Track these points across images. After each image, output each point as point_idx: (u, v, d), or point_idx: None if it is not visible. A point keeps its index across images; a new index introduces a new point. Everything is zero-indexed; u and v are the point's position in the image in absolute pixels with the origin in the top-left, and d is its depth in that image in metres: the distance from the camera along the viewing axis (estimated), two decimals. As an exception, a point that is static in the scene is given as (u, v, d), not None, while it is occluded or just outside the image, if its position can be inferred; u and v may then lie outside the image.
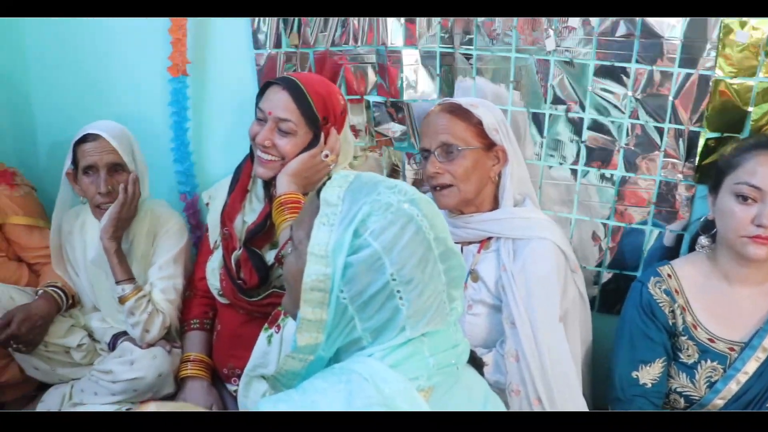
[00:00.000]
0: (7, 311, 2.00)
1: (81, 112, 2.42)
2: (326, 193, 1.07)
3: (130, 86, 2.38)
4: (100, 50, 2.37)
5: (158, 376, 1.95)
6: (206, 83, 2.28)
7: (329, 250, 1.02)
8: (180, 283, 2.11)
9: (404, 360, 1.04)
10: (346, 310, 1.03)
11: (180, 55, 2.17)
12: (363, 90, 2.12)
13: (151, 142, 2.24)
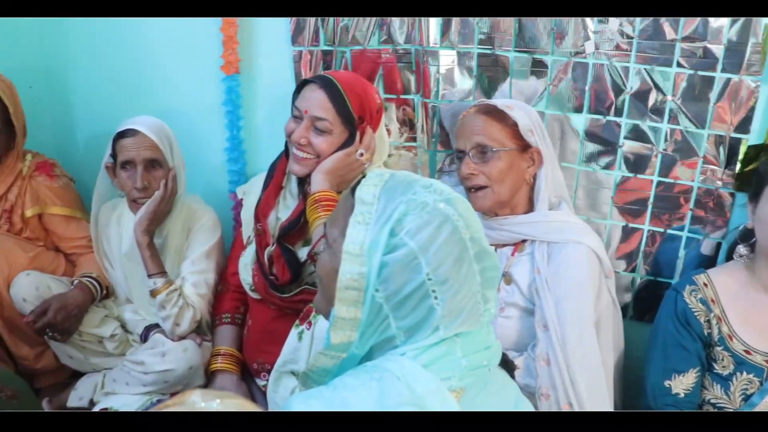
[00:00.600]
0: (44, 300, 2.04)
1: (119, 106, 2.46)
2: (361, 192, 1.07)
3: (168, 82, 2.41)
4: (140, 45, 2.40)
5: (189, 368, 1.98)
6: (251, 81, 2.29)
7: (365, 248, 1.02)
8: (212, 277, 2.13)
9: (437, 360, 1.04)
10: (381, 309, 1.03)
11: (233, 53, 2.18)
12: (400, 89, 2.11)
13: (188, 137, 2.26)
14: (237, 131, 2.30)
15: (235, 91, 2.25)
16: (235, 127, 2.29)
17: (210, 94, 2.30)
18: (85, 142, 2.66)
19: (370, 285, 1.02)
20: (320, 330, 1.55)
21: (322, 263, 1.13)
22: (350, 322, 1.04)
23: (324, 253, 1.13)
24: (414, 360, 1.03)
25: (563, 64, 1.93)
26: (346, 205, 1.10)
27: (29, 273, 2.09)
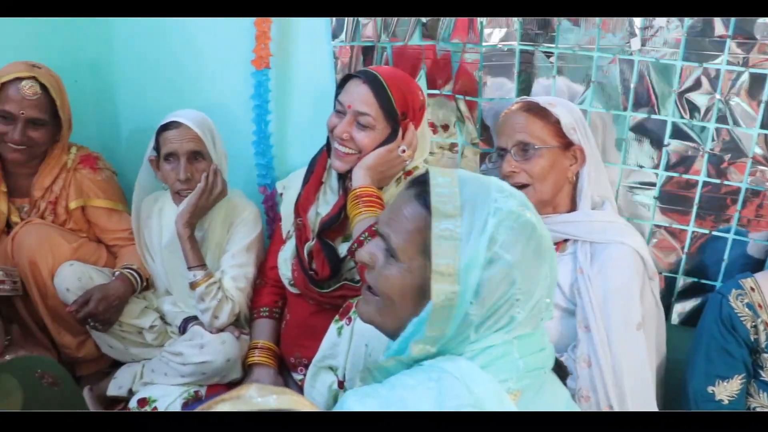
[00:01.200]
0: (86, 290, 2.07)
1: (161, 101, 2.49)
2: (439, 204, 1.03)
3: (211, 78, 2.43)
4: (183, 42, 2.43)
5: (226, 361, 1.99)
6: (286, 76, 2.30)
7: (459, 267, 1.00)
8: (251, 272, 2.14)
9: (494, 361, 1.03)
10: (470, 323, 1.02)
11: (264, 48, 2.19)
12: (442, 86, 2.10)
13: (229, 132, 2.27)
14: (264, 125, 2.30)
15: (264, 86, 2.26)
16: (262, 121, 2.30)
17: (247, 90, 2.30)
18: (128, 135, 2.71)
19: (464, 302, 1.00)
20: (360, 326, 1.54)
21: (390, 280, 1.09)
22: (435, 337, 1.03)
23: (392, 268, 1.09)
24: (472, 361, 1.02)
25: (608, 61, 1.90)
26: (417, 217, 1.07)
27: (72, 263, 2.12)
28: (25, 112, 2.06)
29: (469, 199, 1.03)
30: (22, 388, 1.07)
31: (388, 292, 1.10)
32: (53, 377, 1.13)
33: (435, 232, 1.01)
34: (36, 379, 1.11)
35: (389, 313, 1.10)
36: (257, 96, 2.26)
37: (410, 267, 1.05)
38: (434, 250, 1.00)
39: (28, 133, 2.09)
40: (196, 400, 1.99)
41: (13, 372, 1.11)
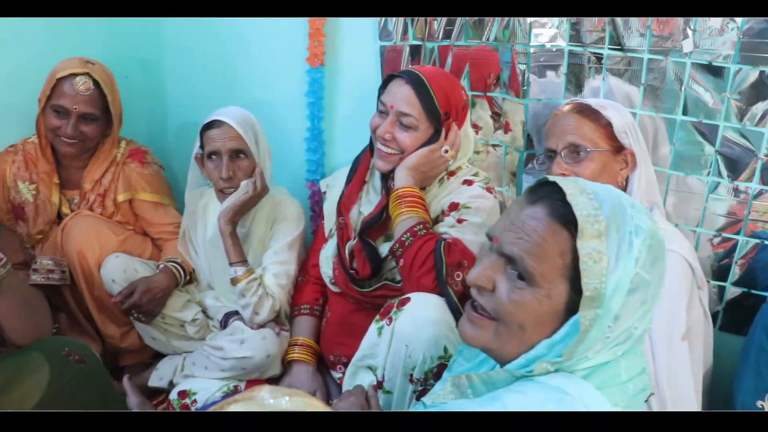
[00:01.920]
0: (131, 282, 2.11)
1: (209, 97, 2.52)
2: (586, 224, 0.96)
3: (258, 75, 2.46)
4: (231, 39, 2.46)
5: (266, 356, 2.00)
6: (335, 74, 2.31)
7: (604, 290, 0.95)
8: (293, 269, 2.15)
9: (606, 383, 0.99)
10: (605, 343, 0.99)
11: (318, 46, 2.20)
12: (488, 86, 2.08)
13: (275, 129, 2.29)
14: (318, 122, 2.32)
15: (319, 83, 2.27)
16: (316, 117, 2.31)
17: (297, 87, 2.32)
18: (176, 131, 2.75)
19: (603, 327, 0.97)
20: (401, 327, 1.54)
21: (523, 307, 1.01)
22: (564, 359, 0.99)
23: (525, 294, 1.01)
24: (587, 381, 0.99)
25: (658, 63, 1.86)
26: (557, 238, 0.99)
27: (118, 255, 2.16)
28: (78, 108, 2.11)
29: (611, 216, 0.97)
30: (48, 364, 1.11)
31: (519, 319, 1.02)
32: (80, 356, 1.16)
33: (582, 254, 0.96)
34: (63, 357, 1.14)
35: (514, 339, 1.03)
36: (311, 93, 2.28)
37: (550, 293, 0.99)
38: (583, 274, 0.95)
39: (80, 128, 2.14)
40: (235, 394, 2.01)
41: (42, 349, 1.15)
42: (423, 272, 1.65)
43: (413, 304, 1.57)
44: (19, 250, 2.32)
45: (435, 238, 1.69)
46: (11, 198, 2.25)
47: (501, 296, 1.04)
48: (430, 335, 1.52)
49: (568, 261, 0.98)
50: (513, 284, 1.03)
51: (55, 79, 2.11)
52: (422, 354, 1.51)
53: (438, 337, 1.53)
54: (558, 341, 1.00)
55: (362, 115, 2.04)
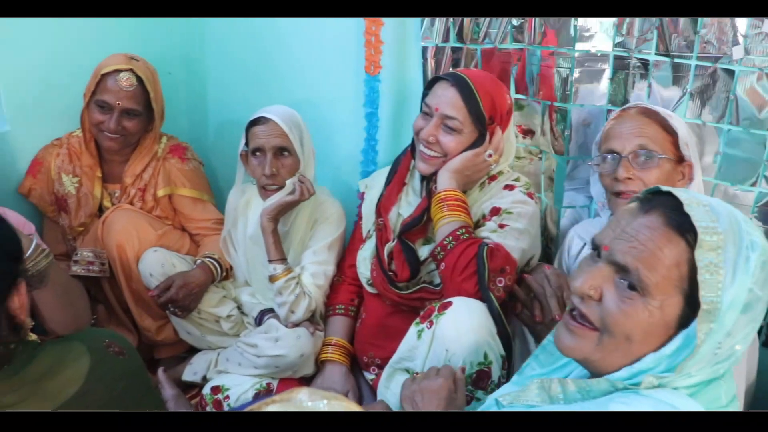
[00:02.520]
0: (168, 276, 2.13)
1: (250, 96, 2.54)
2: (705, 235, 0.95)
3: (299, 75, 2.45)
4: (272, 39, 2.46)
5: (300, 356, 2.00)
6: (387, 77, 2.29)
7: (720, 304, 0.93)
8: (331, 269, 2.15)
9: (709, 405, 0.98)
10: (710, 360, 0.97)
11: (375, 54, 2.19)
12: (531, 91, 2.06)
13: (317, 129, 2.29)
14: (375, 132, 2.29)
15: (377, 92, 2.24)
16: (373, 127, 2.29)
17: (341, 88, 2.32)
18: (216, 128, 2.77)
19: (714, 342, 0.95)
20: (441, 330, 1.53)
21: (633, 318, 0.99)
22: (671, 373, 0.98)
23: (636, 305, 0.99)
24: (693, 399, 0.97)
25: (706, 70, 1.82)
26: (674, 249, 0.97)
27: (156, 250, 2.18)
28: (121, 103, 2.14)
29: (728, 230, 0.95)
30: (89, 354, 1.13)
31: (628, 330, 1.00)
32: (120, 348, 1.19)
33: (700, 265, 0.94)
34: (103, 348, 1.16)
35: (618, 350, 1.01)
36: (369, 102, 2.25)
37: (662, 304, 0.97)
38: (701, 286, 0.94)
39: (122, 123, 2.16)
40: (268, 392, 2.01)
41: (83, 339, 1.17)
42: (465, 277, 1.64)
43: (455, 309, 1.56)
44: (61, 242, 2.36)
45: (478, 243, 1.68)
46: (55, 190, 2.29)
47: (609, 306, 1.02)
48: (471, 341, 1.51)
49: (683, 272, 0.96)
50: (623, 294, 1.00)
51: (99, 74, 2.14)
52: (462, 359, 1.50)
53: (479, 343, 1.52)
54: (667, 355, 0.97)
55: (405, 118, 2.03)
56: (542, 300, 1.65)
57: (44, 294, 1.81)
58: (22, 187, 2.31)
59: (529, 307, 1.68)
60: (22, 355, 1.08)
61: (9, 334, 1.07)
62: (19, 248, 1.11)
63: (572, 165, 2.04)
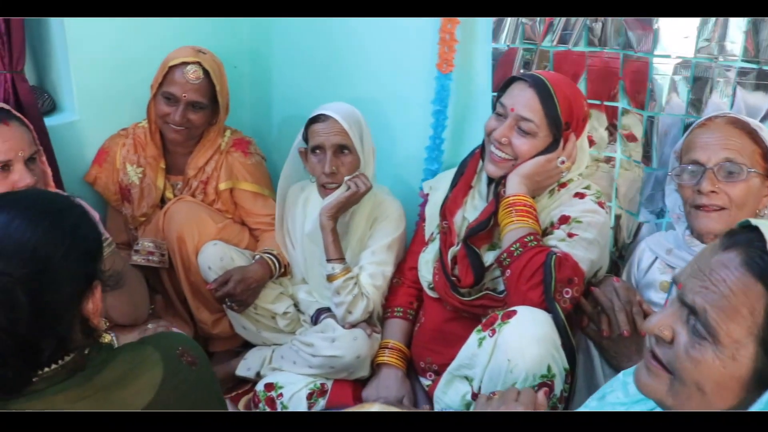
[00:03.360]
0: (226, 270, 2.12)
1: (315, 91, 2.52)
2: None
3: (366, 71, 2.43)
4: (339, 35, 2.44)
5: (356, 357, 1.97)
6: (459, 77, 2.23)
7: None
8: (390, 270, 2.11)
9: None
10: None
11: (449, 51, 2.13)
12: (605, 96, 1.98)
13: (379, 127, 2.26)
14: (441, 130, 2.23)
15: (447, 90, 2.19)
16: (440, 126, 2.23)
17: (409, 87, 2.27)
18: (280, 123, 2.76)
19: None
20: (504, 340, 1.48)
21: (702, 366, 0.92)
22: None
23: (706, 352, 0.91)
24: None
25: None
26: (749, 293, 0.89)
27: (216, 243, 2.18)
28: (187, 95, 2.14)
29: None
30: (163, 362, 1.09)
31: (697, 379, 0.92)
32: (193, 357, 1.14)
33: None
34: (176, 356, 1.12)
35: (692, 401, 0.94)
36: (438, 100, 2.19)
37: (735, 354, 0.89)
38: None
39: (187, 115, 2.17)
40: (322, 392, 1.99)
41: (157, 345, 1.13)
42: (531, 286, 1.59)
43: (520, 319, 1.51)
44: (123, 231, 2.39)
45: (545, 251, 1.62)
46: (119, 180, 2.31)
47: (679, 350, 0.94)
48: (534, 353, 1.46)
49: (759, 320, 0.87)
50: (693, 339, 0.92)
51: (167, 66, 2.15)
52: (525, 371, 1.45)
53: (543, 355, 1.47)
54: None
55: (472, 120, 1.98)
56: (610, 314, 1.58)
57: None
58: (88, 175, 2.34)
59: (595, 321, 1.62)
60: (95, 360, 1.05)
61: (82, 338, 1.05)
62: (98, 248, 1.08)
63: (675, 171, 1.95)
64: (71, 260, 1.00)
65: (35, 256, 0.97)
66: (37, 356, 0.98)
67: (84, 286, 1.03)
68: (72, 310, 1.02)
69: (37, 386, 0.99)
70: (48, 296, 0.97)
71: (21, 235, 0.97)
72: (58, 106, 2.42)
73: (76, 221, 1.06)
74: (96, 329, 1.06)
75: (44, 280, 0.96)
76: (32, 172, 1.75)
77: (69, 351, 1.02)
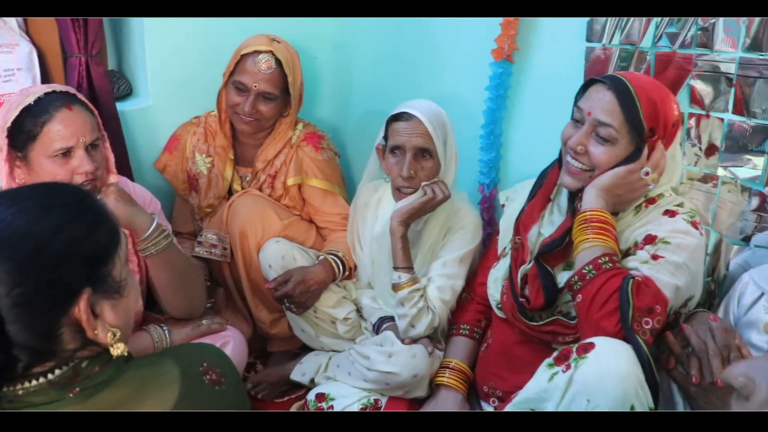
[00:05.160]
0: (287, 270, 2.04)
1: (396, 87, 2.41)
2: None
3: (449, 67, 2.29)
4: (423, 26, 2.30)
5: (413, 376, 1.83)
6: (530, 72, 2.08)
7: None
8: (460, 284, 1.96)
9: None
10: None
11: (508, 39, 2.00)
12: (708, 104, 1.76)
13: (465, 128, 2.12)
14: (497, 121, 2.10)
15: (502, 79, 2.05)
16: (493, 114, 2.09)
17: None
18: (358, 118, 2.66)
19: None
20: (583, 377, 1.33)
21: None
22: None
23: None
24: None
25: None
26: None
27: (279, 240, 2.10)
28: (258, 86, 2.07)
29: None
30: (180, 380, 0.98)
31: None
32: (218, 375, 1.02)
33: None
34: (199, 374, 1.00)
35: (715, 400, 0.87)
36: (492, 88, 2.07)
37: None
38: None
39: (257, 106, 2.10)
40: (375, 409, 1.86)
41: (179, 360, 1.01)
42: (604, 314, 1.42)
43: (599, 353, 1.35)
44: (189, 220, 2.35)
45: (622, 275, 1.44)
46: (188, 168, 2.27)
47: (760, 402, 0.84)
48: (618, 392, 1.30)
49: None
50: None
51: (239, 55, 2.08)
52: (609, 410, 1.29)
53: (627, 393, 1.30)
54: None
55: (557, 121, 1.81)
56: (702, 358, 1.39)
57: (159, 274, 1.78)
58: (159, 162, 2.31)
59: (684, 363, 1.42)
60: (99, 375, 0.95)
61: (76, 351, 0.94)
62: (99, 253, 0.96)
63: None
64: (60, 265, 0.90)
65: (29, 260, 0.88)
66: (6, 368, 0.89)
67: (68, 290, 0.92)
68: (52, 322, 0.91)
69: (31, 399, 0.91)
70: (27, 303, 0.88)
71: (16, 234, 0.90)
72: (134, 90, 2.39)
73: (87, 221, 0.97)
74: (93, 341, 0.95)
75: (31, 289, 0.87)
76: (93, 158, 1.70)
77: (58, 365, 0.92)
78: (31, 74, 2.14)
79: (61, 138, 1.63)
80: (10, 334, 0.87)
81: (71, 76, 2.11)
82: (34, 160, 1.65)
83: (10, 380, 0.90)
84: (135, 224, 1.70)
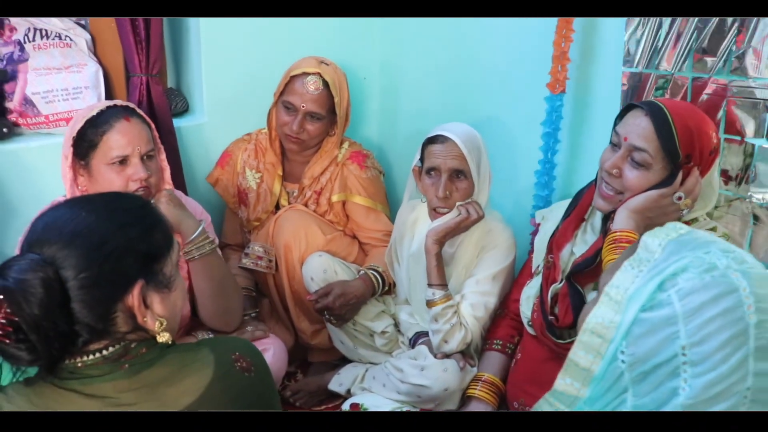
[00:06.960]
0: (328, 283, 2.11)
1: (442, 108, 2.46)
2: (649, 237, 0.94)
3: (495, 90, 2.32)
4: (471, 47, 2.36)
5: (444, 389, 1.88)
6: (572, 101, 2.10)
7: (626, 295, 0.89)
8: (493, 302, 2.00)
9: None
10: (621, 376, 0.88)
11: (561, 71, 1.99)
12: (745, 131, 1.77)
13: (505, 151, 2.16)
14: (552, 155, 2.08)
15: (558, 112, 2.04)
16: (551, 150, 2.08)
17: (532, 109, 2.12)
18: (405, 137, 2.71)
19: (617, 338, 0.88)
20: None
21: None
22: (582, 372, 0.90)
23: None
24: None
25: None
26: (630, 251, 0.97)
27: (321, 254, 2.17)
28: (305, 106, 2.16)
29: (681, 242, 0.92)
30: (214, 365, 1.10)
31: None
32: (248, 364, 1.14)
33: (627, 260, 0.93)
34: (231, 361, 1.12)
35: None
36: (549, 122, 2.05)
37: None
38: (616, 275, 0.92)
39: (304, 126, 2.19)
40: (408, 420, 1.91)
41: (213, 347, 1.14)
42: None
43: None
44: (239, 233, 2.45)
45: None
46: (238, 183, 2.37)
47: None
48: None
49: None
50: None
51: (289, 76, 2.18)
52: None
53: None
54: None
55: (597, 147, 1.83)
56: None
57: (200, 280, 1.87)
58: (211, 176, 2.42)
59: None
60: (146, 356, 1.08)
61: (128, 333, 1.07)
62: (153, 251, 1.10)
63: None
64: (120, 257, 1.04)
65: (95, 250, 1.02)
66: (69, 342, 1.02)
67: (124, 281, 1.05)
68: (109, 305, 1.04)
69: (89, 372, 1.04)
70: (90, 287, 1.01)
71: (87, 229, 1.03)
72: (190, 108, 2.52)
73: (145, 223, 1.11)
74: (142, 327, 1.08)
75: (95, 275, 1.01)
76: (147, 167, 1.81)
77: (112, 343, 1.05)
78: (96, 92, 2.29)
79: (118, 146, 1.76)
80: (75, 311, 1.01)
81: (133, 94, 2.25)
82: (95, 168, 1.78)
83: (71, 354, 1.04)
84: (182, 226, 1.81)
